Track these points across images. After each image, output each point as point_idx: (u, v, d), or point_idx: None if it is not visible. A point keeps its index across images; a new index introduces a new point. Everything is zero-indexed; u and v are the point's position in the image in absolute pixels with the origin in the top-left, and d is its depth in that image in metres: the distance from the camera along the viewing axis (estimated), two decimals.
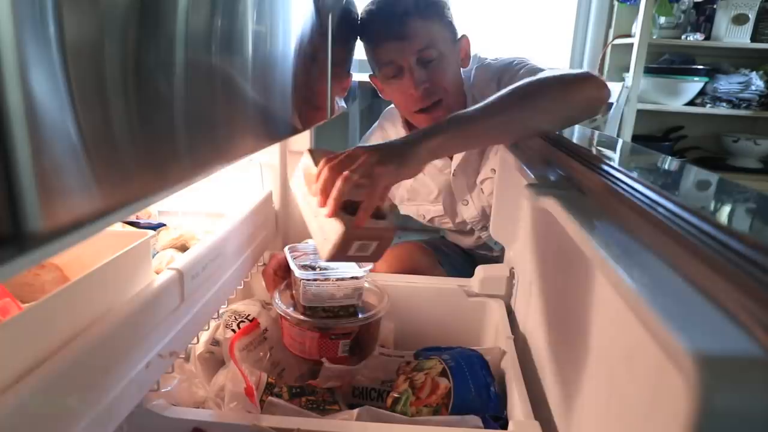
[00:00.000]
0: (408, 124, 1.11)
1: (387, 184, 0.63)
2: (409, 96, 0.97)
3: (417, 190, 1.17)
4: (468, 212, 1.16)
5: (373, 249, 0.65)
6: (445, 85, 0.96)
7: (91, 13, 0.25)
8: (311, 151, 0.72)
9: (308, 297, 0.81)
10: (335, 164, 0.63)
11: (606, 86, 0.76)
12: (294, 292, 0.85)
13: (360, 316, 0.83)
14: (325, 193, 0.62)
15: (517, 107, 0.72)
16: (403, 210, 1.21)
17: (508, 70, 1.00)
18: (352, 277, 0.82)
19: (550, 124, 0.76)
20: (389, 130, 1.15)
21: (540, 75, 0.76)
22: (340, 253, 0.63)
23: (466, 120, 0.70)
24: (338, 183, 0.61)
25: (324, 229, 0.64)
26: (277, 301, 0.85)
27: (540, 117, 0.74)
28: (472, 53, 1.05)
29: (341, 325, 0.81)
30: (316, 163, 0.67)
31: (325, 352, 0.81)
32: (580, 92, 0.74)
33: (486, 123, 0.70)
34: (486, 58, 1.08)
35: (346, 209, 0.63)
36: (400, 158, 0.64)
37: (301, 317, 0.80)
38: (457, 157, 1.08)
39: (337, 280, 0.81)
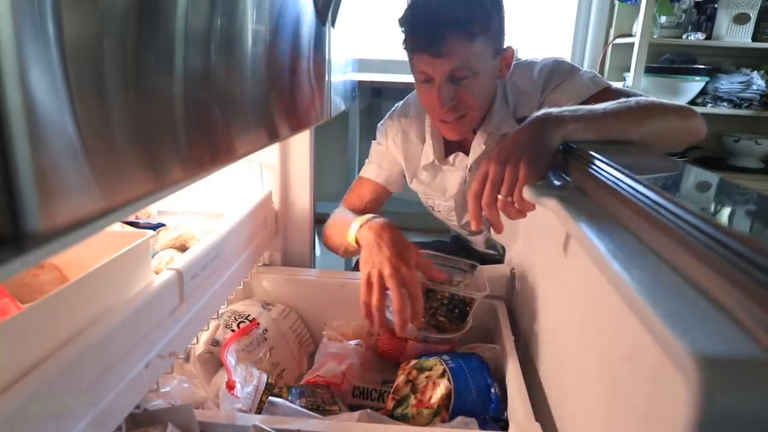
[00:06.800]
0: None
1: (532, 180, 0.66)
2: (433, 106, 0.97)
3: (430, 184, 1.16)
4: None
5: None
6: (472, 103, 0.96)
7: (90, 13, 0.25)
8: None
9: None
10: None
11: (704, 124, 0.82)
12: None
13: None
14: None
15: (652, 117, 0.73)
16: (415, 187, 1.19)
17: (554, 71, 1.00)
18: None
19: (663, 141, 0.76)
20: (414, 121, 1.13)
21: (654, 98, 0.78)
22: None
23: (597, 114, 0.70)
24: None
25: None
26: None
27: (665, 127, 0.75)
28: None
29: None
30: None
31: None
32: (697, 122, 0.81)
33: (614, 120, 0.70)
34: (521, 59, 1.07)
35: None
36: (539, 157, 0.66)
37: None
38: (474, 152, 1.06)
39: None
